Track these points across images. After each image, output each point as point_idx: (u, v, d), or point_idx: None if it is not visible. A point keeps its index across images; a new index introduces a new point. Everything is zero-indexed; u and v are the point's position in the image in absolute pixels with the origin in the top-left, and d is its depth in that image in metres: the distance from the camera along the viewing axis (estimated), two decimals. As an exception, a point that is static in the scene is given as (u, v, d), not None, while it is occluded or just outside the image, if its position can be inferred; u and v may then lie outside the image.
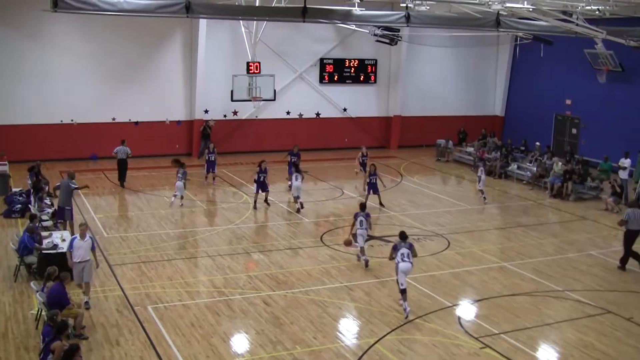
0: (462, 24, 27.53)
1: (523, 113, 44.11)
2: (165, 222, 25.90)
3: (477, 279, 20.52)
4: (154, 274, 20.21)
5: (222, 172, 33.53)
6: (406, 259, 17.76)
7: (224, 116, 39.40)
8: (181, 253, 22.27)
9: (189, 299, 18.35)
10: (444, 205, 29.71)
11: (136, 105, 37.49)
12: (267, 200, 28.32)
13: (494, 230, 26.33)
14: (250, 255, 22.39)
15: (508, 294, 19.26)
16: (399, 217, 27.32)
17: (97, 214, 26.57)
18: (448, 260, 22.16)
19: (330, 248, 22.96)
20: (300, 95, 41.04)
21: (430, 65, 44.03)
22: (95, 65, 36.36)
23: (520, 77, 44.58)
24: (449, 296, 18.98)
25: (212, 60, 37.92)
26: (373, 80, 42.68)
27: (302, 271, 20.71)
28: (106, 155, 36.15)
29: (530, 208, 29.75)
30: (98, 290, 18.73)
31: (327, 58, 41.33)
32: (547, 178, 32.80)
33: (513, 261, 22.19)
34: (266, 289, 19.13)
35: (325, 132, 41.66)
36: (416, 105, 43.91)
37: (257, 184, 27.86)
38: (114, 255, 21.75)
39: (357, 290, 19.21)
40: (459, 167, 38.63)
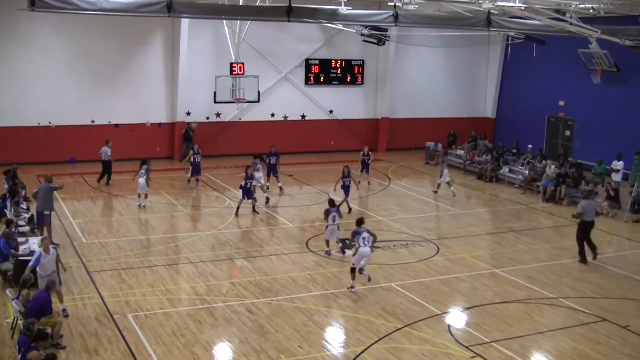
0: (452, 23, 27.60)
1: (515, 115, 44.24)
2: (146, 228, 25.82)
3: (468, 286, 20.55)
4: (134, 281, 20.14)
5: (204, 176, 33.47)
6: (367, 242, 19.52)
7: (206, 118, 39.33)
8: (162, 259, 22.19)
9: (170, 306, 18.29)
10: (433, 210, 29.77)
11: (116, 107, 37.38)
12: (255, 209, 28.17)
13: (484, 235, 26.37)
14: (233, 261, 22.34)
15: (499, 302, 19.29)
16: (387, 222, 27.34)
17: (75, 219, 26.45)
18: (437, 266, 22.18)
19: (316, 254, 22.95)
20: (285, 97, 41.02)
21: (419, 65, 44.11)
22: (74, 66, 36.24)
23: (512, 78, 44.73)
24: (439, 303, 18.99)
25: (194, 60, 37.85)
26: (360, 81, 42.71)
27: (287, 278, 20.68)
28: (85, 158, 36.11)
29: (522, 212, 29.83)
30: (76, 297, 18.65)
31: (312, 58, 41.34)
32: (539, 182, 32.90)
33: (504, 267, 22.24)
34: (250, 297, 19.09)
35: (311, 135, 41.67)
36: (404, 107, 43.97)
37: (243, 191, 27.76)
38: (93, 261, 21.66)
39: (344, 298, 19.19)
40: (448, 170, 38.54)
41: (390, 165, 39.15)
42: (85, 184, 32.56)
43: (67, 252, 22.28)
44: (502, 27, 26.41)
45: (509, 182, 35.07)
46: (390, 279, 20.70)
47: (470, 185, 34.97)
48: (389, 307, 18.54)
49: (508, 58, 44.00)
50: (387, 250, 23.57)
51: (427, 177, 36.80)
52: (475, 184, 35.33)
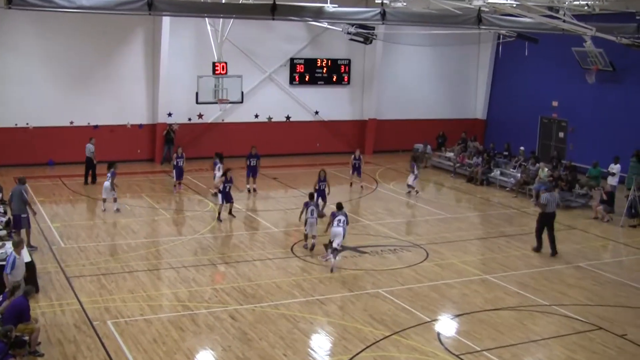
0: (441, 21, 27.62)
1: (506, 116, 44.41)
2: (126, 232, 25.76)
3: (458, 293, 20.59)
4: (114, 286, 20.10)
5: (186, 179, 33.37)
6: (341, 224, 22.22)
7: (188, 119, 39.30)
8: (143, 264, 22.15)
9: (151, 313, 18.26)
10: (422, 214, 29.83)
11: (95, 108, 37.30)
12: (232, 212, 28.24)
13: (475, 240, 26.44)
14: (216, 266, 22.33)
15: (491, 309, 19.34)
16: (374, 227, 27.38)
17: (53, 223, 26.36)
18: (426, 272, 22.23)
19: (302, 259, 22.97)
20: (269, 98, 41.05)
21: (407, 65, 44.23)
22: (52, 66, 36.16)
23: (503, 78, 44.89)
24: (428, 311, 19.03)
25: (175, 60, 37.82)
26: (346, 81, 42.79)
27: (272, 284, 20.68)
28: (64, 160, 36.02)
29: (514, 217, 29.92)
30: (55, 304, 18.60)
31: (297, 58, 41.38)
32: (532, 185, 33.01)
33: (496, 273, 22.29)
34: (233, 303, 19.09)
35: (296, 137, 41.71)
36: (392, 108, 44.08)
37: (222, 194, 27.80)
38: (71, 266, 21.60)
39: (330, 304, 19.22)
40: (437, 174, 38.81)
41: (378, 168, 39.22)
42: (64, 186, 32.45)
43: (45, 257, 22.24)
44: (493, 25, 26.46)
45: (500, 186, 35.18)
46: (378, 285, 20.73)
47: (461, 189, 35.06)
48: (376, 314, 18.56)
49: (499, 57, 44.16)
50: (375, 256, 23.60)
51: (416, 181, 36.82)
52: (465, 187, 35.44)
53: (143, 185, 33.17)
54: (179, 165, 31.84)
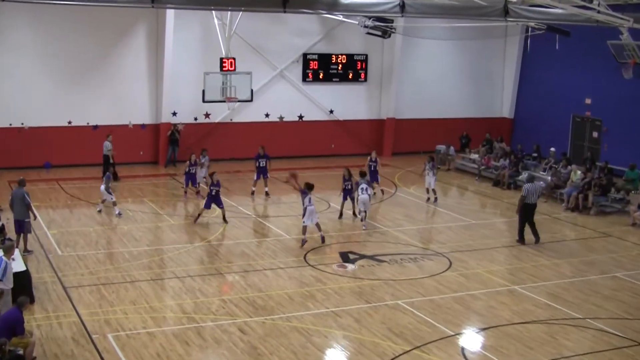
0: (464, 13, 27.58)
1: (535, 115, 44.28)
2: (127, 239, 25.80)
3: (483, 305, 20.51)
4: (115, 297, 20.12)
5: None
6: (365, 192, 26.29)
7: (194, 119, 39.37)
8: (146, 274, 22.17)
9: (154, 326, 18.27)
10: (444, 220, 29.75)
11: (95, 107, 37.42)
12: (225, 218, 28.25)
13: (502, 248, 26.33)
14: (224, 276, 22.33)
15: (519, 322, 19.23)
16: (393, 234, 27.33)
17: (50, 230, 26.44)
18: (449, 282, 22.16)
19: (315, 268, 22.93)
20: (280, 96, 41.08)
21: (428, 61, 44.18)
22: (48, 62, 36.29)
23: (532, 74, 44.77)
24: (451, 324, 18.95)
25: (180, 56, 37.89)
26: (363, 78, 42.77)
27: (283, 295, 20.66)
28: (61, 163, 36.14)
29: (544, 223, 29.71)
30: (51, 316, 18.63)
31: (311, 53, 41.40)
32: (563, 189, 32.91)
33: (524, 284, 22.18)
34: (242, 315, 19.07)
35: (309, 137, 41.69)
36: (412, 106, 44.03)
37: (209, 199, 27.99)
38: (69, 276, 21.63)
39: (346, 317, 19.17)
40: (461, 177, 38.73)
41: (397, 171, 39.16)
42: (62, 191, 32.55)
43: (41, 266, 22.31)
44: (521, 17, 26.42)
45: (528, 190, 35.04)
46: (397, 296, 20.67)
47: (486, 193, 34.96)
48: (395, 327, 18.50)
49: (527, 52, 44.02)
50: (394, 265, 23.55)
51: (438, 184, 36.70)
52: (491, 191, 35.33)
53: (146, 189, 33.23)
54: (190, 172, 31.80)
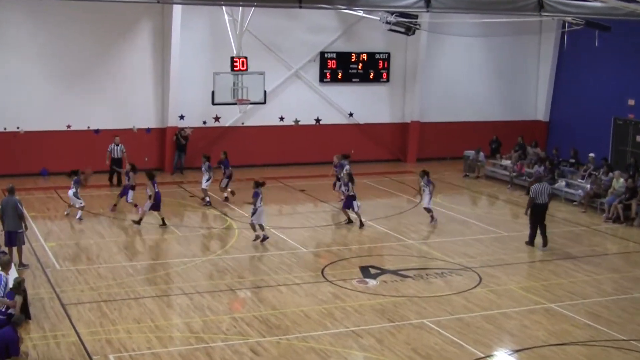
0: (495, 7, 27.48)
1: (572, 117, 44.11)
2: (131, 252, 25.87)
3: (517, 324, 20.42)
4: (117, 315, 20.14)
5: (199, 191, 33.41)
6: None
7: (203, 123, 39.45)
8: (151, 290, 22.21)
9: (160, 346, 18.27)
10: (473, 232, 29.67)
11: (96, 110, 37.55)
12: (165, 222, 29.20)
13: (537, 262, 26.29)
14: (235, 292, 22.34)
15: (556, 343, 19.12)
16: (418, 247, 27.30)
17: (48, 242, 26.52)
18: (479, 300, 22.09)
19: (334, 284, 22.91)
20: (296, 97, 41.13)
21: (455, 59, 44.13)
22: (46, 62, 36.45)
23: (568, 73, 44.61)
24: (481, 345, 18.88)
25: (188, 55, 38.00)
26: (385, 78, 42.77)
27: (299, 312, 20.64)
28: (59, 169, 36.17)
29: (583, 235, 29.69)
30: (48, 335, 18.65)
31: (329, 52, 41.43)
32: (604, 198, 32.81)
33: (561, 302, 22.07)
34: (255, 335, 19.06)
35: (327, 142, 41.59)
36: (438, 108, 43.99)
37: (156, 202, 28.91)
38: (68, 292, 21.68)
39: (367, 337, 19.13)
40: (491, 185, 38.64)
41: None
42: (60, 200, 32.66)
43: (37, 281, 22.36)
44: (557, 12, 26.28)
45: (566, 199, 34.97)
46: (422, 315, 20.63)
47: (519, 203, 34.81)
48: (421, 348, 18.45)
49: (564, 49, 43.82)
50: (419, 281, 23.50)
51: (467, 193, 36.72)
52: (524, 200, 35.06)
53: (150, 199, 33.30)
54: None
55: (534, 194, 27.15)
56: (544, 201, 27.28)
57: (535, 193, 27.08)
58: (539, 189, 27.13)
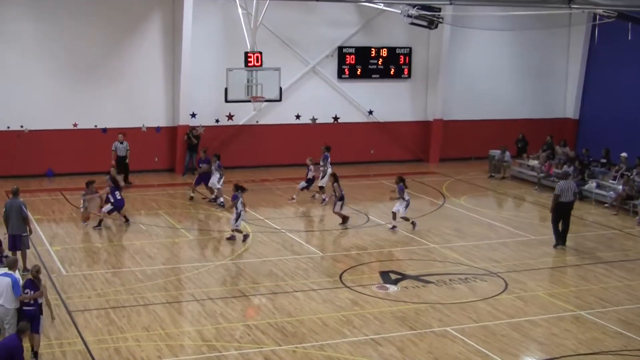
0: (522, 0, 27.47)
1: (604, 115, 43.99)
2: (140, 257, 25.89)
3: (545, 332, 20.37)
4: (126, 322, 20.18)
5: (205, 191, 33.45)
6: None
7: (215, 121, 39.51)
8: (161, 296, 22.23)
9: (170, 355, 18.30)
10: (499, 236, 29.61)
11: (104, 108, 37.66)
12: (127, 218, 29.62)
13: (566, 268, 26.21)
14: (249, 299, 22.35)
15: (586, 353, 19.06)
16: (441, 251, 27.24)
17: (53, 246, 26.60)
18: (505, 306, 22.04)
19: (353, 290, 22.90)
20: (313, 95, 41.15)
21: (480, 54, 44.05)
22: (52, 58, 36.56)
23: (599, 68, 44.48)
24: (507, 354, 18.84)
25: (200, 50, 38.05)
26: (406, 74, 42.72)
27: (316, 320, 20.65)
28: (66, 170, 36.37)
29: (615, 239, 29.59)
30: (54, 343, 18.70)
31: (347, 47, 41.41)
32: (637, 200, 32.69)
33: (592, 309, 22.00)
34: (270, 343, 19.07)
35: (346, 142, 41.61)
36: (462, 106, 43.93)
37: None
38: (74, 298, 21.74)
39: (387, 345, 19.11)
40: (518, 186, 38.54)
41: (445, 180, 39.06)
42: (66, 202, 32.76)
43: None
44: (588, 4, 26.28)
45: (597, 201, 34.89)
46: (445, 323, 20.60)
47: (547, 205, 34.45)
48: (444, 357, 18.44)
49: (595, 43, 43.68)
50: (442, 287, 23.46)
51: (492, 195, 36.64)
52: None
53: (161, 201, 33.35)
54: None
55: (559, 190, 27.40)
56: (569, 199, 27.51)
57: (560, 190, 27.29)
58: (564, 187, 27.40)
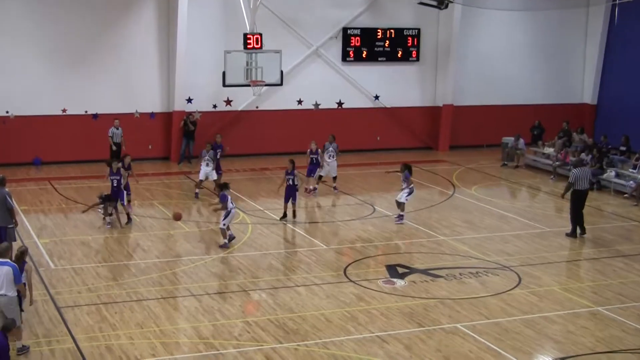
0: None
1: (623, 100, 43.98)
2: (134, 250, 25.93)
3: (560, 329, 20.38)
4: (119, 319, 20.19)
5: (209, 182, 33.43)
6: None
7: (213, 107, 39.51)
8: (156, 291, 22.26)
9: (165, 353, 18.31)
10: (512, 228, 29.62)
11: (95, 93, 37.70)
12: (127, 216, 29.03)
13: (583, 261, 26.24)
14: (248, 294, 22.37)
15: (604, 351, 19.05)
16: (451, 243, 27.25)
17: (41, 239, 26.62)
18: (519, 302, 22.04)
19: (358, 285, 22.91)
20: (315, 78, 41.16)
21: (493, 36, 44.03)
22: (40, 41, 36.59)
23: (619, 51, 44.44)
24: (521, 352, 18.84)
25: (197, 32, 38.03)
26: (415, 57, 42.72)
27: (319, 316, 20.66)
28: (54, 159, 36.35)
29: (635, 231, 29.61)
30: (42, 341, 18.71)
31: (352, 28, 41.41)
32: (658, 190, 32.68)
33: (610, 305, 22.00)
34: (270, 340, 19.08)
35: (350, 128, 41.63)
36: (474, 91, 43.94)
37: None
38: (64, 294, 21.75)
39: (394, 343, 19.12)
40: (533, 175, 38.57)
41: (455, 169, 39.07)
42: (55, 192, 32.78)
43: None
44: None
45: (615, 191, 34.90)
46: (455, 319, 20.61)
47: (563, 195, 34.78)
48: (454, 355, 18.45)
49: (614, 24, 43.66)
50: (452, 281, 23.47)
51: (505, 184, 36.63)
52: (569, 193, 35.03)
53: (155, 191, 33.36)
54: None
55: (574, 178, 27.73)
56: (585, 187, 27.85)
57: (575, 178, 27.52)
58: (579, 174, 27.70)
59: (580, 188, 27.68)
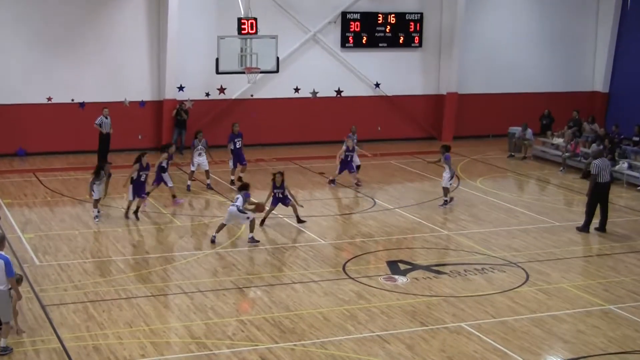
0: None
1: (637, 88, 44.00)
2: (122, 245, 25.93)
3: (570, 329, 20.39)
4: (107, 318, 20.19)
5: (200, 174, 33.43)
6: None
7: (205, 95, 39.49)
8: (146, 289, 22.24)
9: (155, 353, 18.31)
10: (520, 222, 29.62)
11: (81, 81, 37.69)
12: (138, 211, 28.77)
13: (594, 257, 26.21)
14: (243, 291, 22.37)
15: (616, 352, 19.04)
16: (455, 238, 27.27)
17: (25, 234, 26.61)
18: (526, 300, 22.05)
19: (357, 282, 22.92)
20: (313, 65, 41.16)
21: (499, 21, 44.06)
22: (23, 26, 36.58)
23: (632, 37, 44.49)
24: (528, 352, 18.85)
25: (188, 16, 38.05)
26: (417, 43, 42.73)
27: (317, 314, 20.66)
28: (39, 149, 36.34)
29: (648, 226, 29.69)
30: (26, 341, 18.70)
31: (351, 12, 41.42)
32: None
33: (623, 303, 22.00)
34: (266, 340, 19.08)
35: (350, 118, 41.52)
36: (479, 78, 43.98)
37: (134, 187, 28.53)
38: (49, 291, 21.74)
39: (395, 343, 19.12)
40: (541, 166, 38.61)
41: (460, 160, 39.06)
42: (40, 184, 32.77)
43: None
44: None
45: (628, 183, 34.94)
46: (460, 318, 20.63)
47: (573, 187, 34.75)
48: (458, 356, 18.45)
49: (627, 8, 43.66)
50: (456, 278, 23.48)
51: (512, 176, 36.63)
52: (579, 185, 35.07)
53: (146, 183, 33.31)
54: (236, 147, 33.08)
55: (597, 170, 27.38)
56: (607, 179, 27.62)
57: (598, 169, 27.27)
58: (601, 165, 27.45)
59: (602, 180, 27.49)
